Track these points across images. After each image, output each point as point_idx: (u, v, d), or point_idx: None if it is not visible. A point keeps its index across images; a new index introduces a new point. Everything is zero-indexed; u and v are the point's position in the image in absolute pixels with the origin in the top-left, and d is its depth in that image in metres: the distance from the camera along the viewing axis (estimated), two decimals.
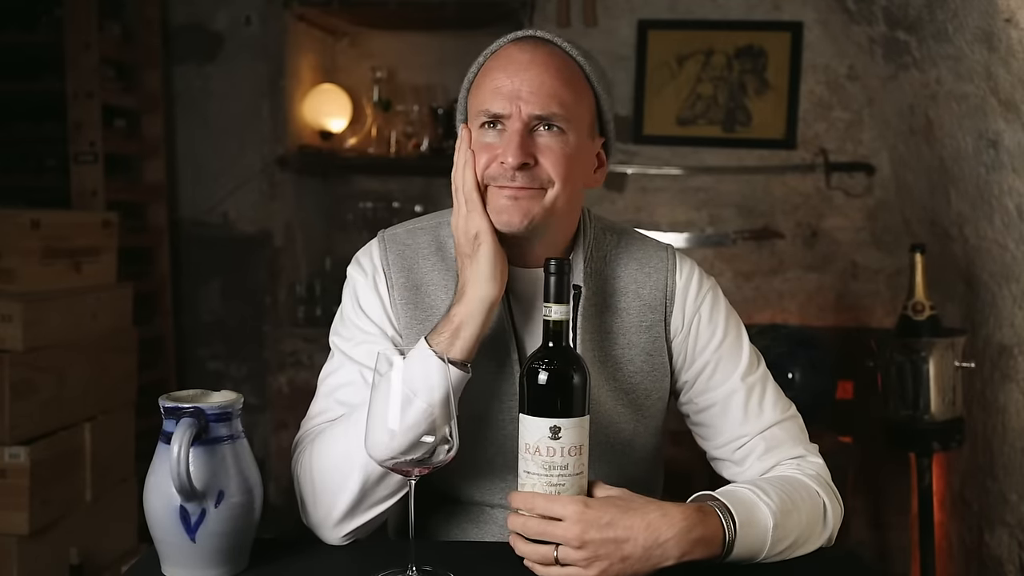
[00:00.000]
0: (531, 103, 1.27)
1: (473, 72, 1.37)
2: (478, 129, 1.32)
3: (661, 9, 3.37)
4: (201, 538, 1.14)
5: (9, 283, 2.58)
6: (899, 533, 3.26)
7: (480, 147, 1.31)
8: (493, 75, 1.31)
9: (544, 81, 1.28)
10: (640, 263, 1.42)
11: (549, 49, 1.32)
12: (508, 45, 1.34)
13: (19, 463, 2.45)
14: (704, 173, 3.39)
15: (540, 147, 1.28)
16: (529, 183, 1.28)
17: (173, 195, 3.64)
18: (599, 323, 1.38)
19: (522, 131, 1.27)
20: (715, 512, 1.19)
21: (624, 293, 1.40)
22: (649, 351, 1.39)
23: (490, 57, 1.35)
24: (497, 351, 1.35)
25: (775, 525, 1.21)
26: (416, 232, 1.42)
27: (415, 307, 1.37)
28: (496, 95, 1.29)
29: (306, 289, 3.65)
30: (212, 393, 1.22)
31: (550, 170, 1.28)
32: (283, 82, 3.54)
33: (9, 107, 3.51)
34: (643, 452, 1.43)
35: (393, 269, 1.38)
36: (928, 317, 2.60)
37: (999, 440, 2.51)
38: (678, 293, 1.41)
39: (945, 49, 2.42)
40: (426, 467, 1.16)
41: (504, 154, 1.27)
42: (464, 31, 3.51)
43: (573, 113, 1.30)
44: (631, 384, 1.38)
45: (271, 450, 3.57)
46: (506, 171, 1.28)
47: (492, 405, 1.36)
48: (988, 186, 2.41)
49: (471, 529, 1.39)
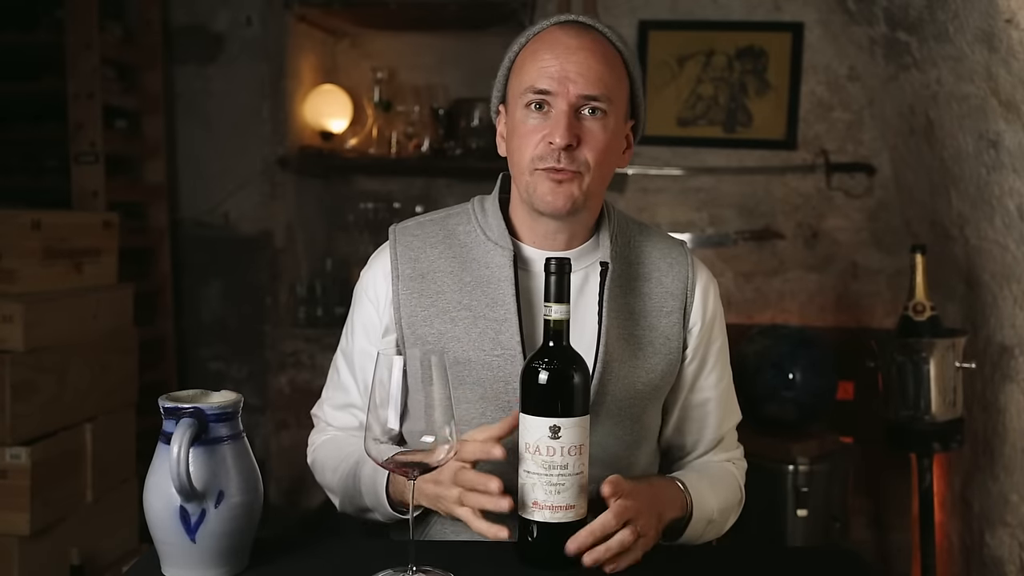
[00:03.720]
0: (579, 83, 1.33)
1: (515, 52, 1.41)
2: (522, 109, 1.36)
3: (662, 9, 3.37)
4: (201, 538, 1.14)
5: (10, 284, 2.58)
6: (899, 533, 3.26)
7: (526, 130, 1.36)
8: (540, 55, 1.36)
9: (591, 65, 1.34)
10: (663, 253, 1.49)
11: (593, 35, 1.38)
12: (553, 28, 1.39)
13: (20, 463, 2.46)
14: (705, 174, 3.39)
15: (584, 130, 1.34)
16: (569, 164, 1.33)
17: (174, 196, 3.65)
18: (624, 303, 1.42)
19: (569, 112, 1.33)
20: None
21: (648, 279, 1.45)
22: (667, 335, 1.44)
23: (533, 39, 1.39)
24: (501, 335, 1.37)
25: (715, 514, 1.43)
26: (425, 224, 1.48)
27: (420, 295, 1.41)
28: (544, 74, 1.34)
29: (307, 289, 3.65)
30: (212, 393, 1.22)
31: (588, 155, 1.34)
32: (284, 83, 3.54)
33: (10, 108, 3.51)
34: (649, 433, 1.48)
35: (401, 260, 1.43)
36: (929, 317, 2.59)
37: (1000, 440, 2.51)
38: (698, 288, 1.47)
39: (946, 49, 2.42)
40: (426, 468, 1.16)
41: (552, 134, 1.32)
42: (465, 31, 3.51)
43: (615, 96, 1.36)
44: (650, 365, 1.42)
45: (271, 450, 3.57)
46: (554, 151, 1.33)
47: (496, 388, 1.38)
48: (988, 186, 2.41)
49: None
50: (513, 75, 1.40)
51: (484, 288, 1.39)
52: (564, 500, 1.19)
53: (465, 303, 1.39)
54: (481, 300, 1.39)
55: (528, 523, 1.21)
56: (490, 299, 1.39)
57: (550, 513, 1.19)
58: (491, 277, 1.40)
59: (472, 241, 1.43)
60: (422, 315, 1.40)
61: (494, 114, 1.47)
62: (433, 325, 1.39)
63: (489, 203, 1.46)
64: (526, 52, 1.39)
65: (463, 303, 1.39)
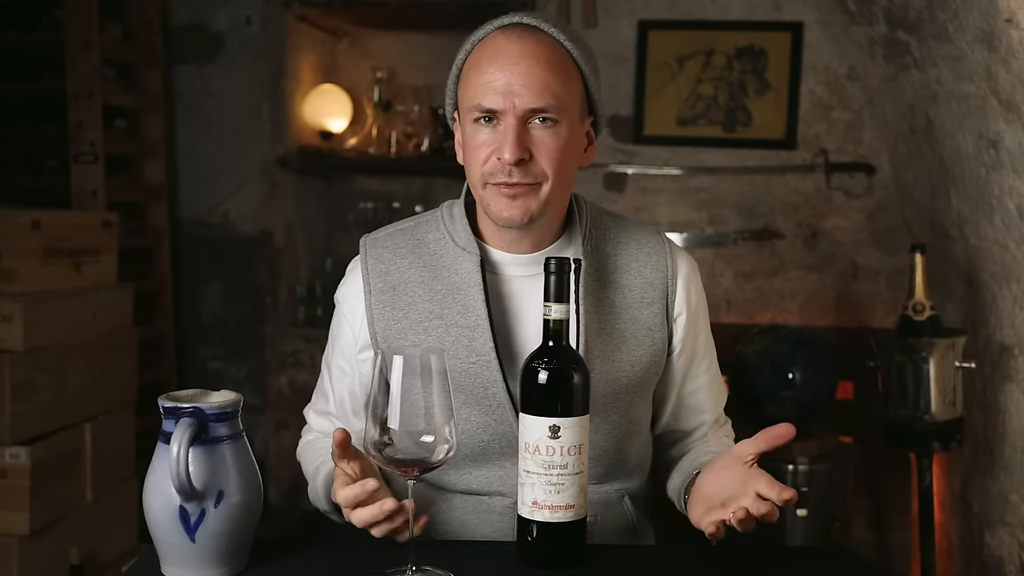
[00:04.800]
0: (524, 97, 1.29)
1: (461, 60, 1.38)
2: (471, 124, 1.33)
3: (661, 9, 3.37)
4: (201, 538, 1.14)
5: (10, 283, 2.58)
6: (899, 533, 3.26)
7: (475, 144, 1.33)
8: (483, 68, 1.31)
9: (535, 73, 1.29)
10: (640, 244, 1.46)
11: (537, 38, 1.32)
12: (495, 34, 1.34)
13: (19, 463, 2.46)
14: (704, 173, 3.39)
15: (535, 141, 1.31)
16: (523, 178, 1.30)
17: (173, 195, 3.65)
18: (602, 297, 1.41)
19: (517, 126, 1.29)
20: None
21: (626, 270, 1.43)
22: (650, 326, 1.42)
23: (477, 46, 1.35)
24: (475, 341, 1.37)
25: None
26: (395, 234, 1.46)
27: (392, 308, 1.40)
28: (488, 90, 1.30)
29: (306, 289, 3.65)
30: (212, 393, 1.22)
31: (544, 165, 1.31)
32: (283, 82, 3.54)
33: (10, 108, 3.51)
34: (639, 425, 1.47)
35: (372, 274, 1.42)
36: (928, 317, 2.59)
37: (999, 440, 2.51)
38: (680, 277, 1.45)
39: (945, 49, 2.42)
40: (426, 467, 1.16)
41: (500, 149, 1.29)
42: (465, 31, 3.48)
43: (564, 102, 1.31)
44: (634, 358, 1.41)
45: (271, 450, 3.57)
46: (504, 167, 1.30)
47: (477, 393, 1.37)
48: (988, 186, 2.41)
49: (471, 520, 1.40)
50: (461, 86, 1.36)
51: (455, 295, 1.38)
52: (564, 500, 1.19)
53: (437, 312, 1.38)
54: (452, 308, 1.38)
55: (528, 523, 1.21)
56: (461, 306, 1.37)
57: (550, 513, 1.19)
58: (460, 284, 1.38)
59: (441, 248, 1.41)
60: (396, 328, 1.39)
61: (450, 121, 1.44)
62: (407, 337, 1.39)
63: (457, 209, 1.44)
64: (471, 62, 1.34)
65: (435, 312, 1.38)
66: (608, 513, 1.44)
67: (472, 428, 1.37)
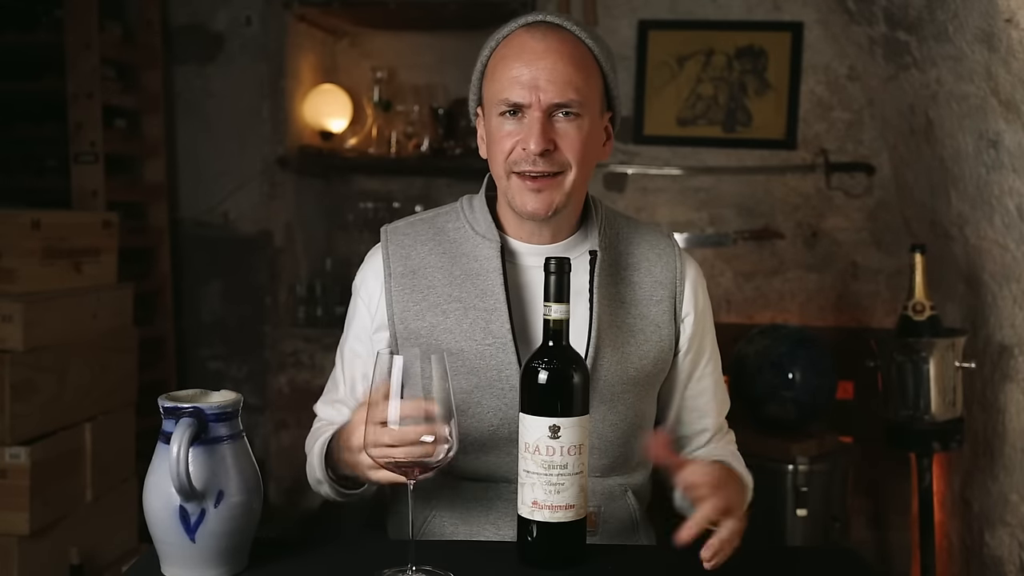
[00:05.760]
0: (549, 92, 1.35)
1: (486, 56, 1.43)
2: (497, 117, 1.39)
3: (661, 9, 3.37)
4: (201, 538, 1.14)
5: (10, 283, 2.58)
6: (899, 533, 3.26)
7: (501, 135, 1.38)
8: (509, 64, 1.37)
9: (560, 69, 1.35)
10: (651, 244, 1.51)
11: (560, 35, 1.38)
12: (520, 31, 1.40)
13: (19, 463, 2.46)
14: (704, 173, 3.39)
15: (559, 132, 1.37)
16: (549, 167, 1.36)
17: (173, 195, 3.65)
18: (614, 291, 1.45)
19: (542, 119, 1.35)
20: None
21: (636, 268, 1.48)
22: (658, 323, 1.47)
23: (502, 43, 1.41)
24: (492, 324, 1.40)
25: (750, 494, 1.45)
26: (415, 223, 1.51)
27: (411, 291, 1.44)
28: (515, 84, 1.36)
29: (306, 289, 3.65)
30: (212, 393, 1.22)
31: (568, 155, 1.37)
32: (283, 82, 3.54)
33: (10, 108, 3.51)
34: (645, 420, 1.50)
35: (393, 259, 1.46)
36: (928, 317, 2.59)
37: (999, 440, 2.51)
38: (688, 279, 1.50)
39: (945, 49, 2.42)
40: (426, 468, 1.16)
41: (526, 140, 1.35)
42: (465, 31, 3.50)
43: (586, 97, 1.38)
44: (643, 351, 1.45)
45: (271, 450, 3.57)
46: (528, 156, 1.35)
47: (490, 376, 1.39)
48: (988, 186, 2.41)
49: (476, 507, 1.42)
50: (486, 81, 1.43)
51: (474, 280, 1.43)
52: (564, 500, 1.19)
53: (455, 295, 1.42)
54: (471, 292, 1.42)
55: (528, 523, 1.21)
56: (479, 290, 1.42)
57: (550, 513, 1.19)
58: (480, 269, 1.43)
59: (461, 237, 1.47)
60: (414, 310, 1.43)
61: (473, 116, 1.50)
62: (425, 319, 1.43)
63: (477, 200, 1.50)
64: (496, 57, 1.41)
65: (453, 295, 1.43)
66: (611, 505, 1.45)
67: (483, 412, 1.39)
